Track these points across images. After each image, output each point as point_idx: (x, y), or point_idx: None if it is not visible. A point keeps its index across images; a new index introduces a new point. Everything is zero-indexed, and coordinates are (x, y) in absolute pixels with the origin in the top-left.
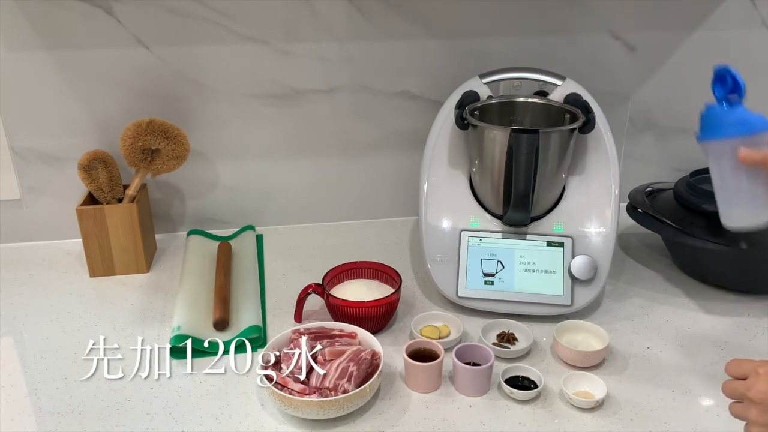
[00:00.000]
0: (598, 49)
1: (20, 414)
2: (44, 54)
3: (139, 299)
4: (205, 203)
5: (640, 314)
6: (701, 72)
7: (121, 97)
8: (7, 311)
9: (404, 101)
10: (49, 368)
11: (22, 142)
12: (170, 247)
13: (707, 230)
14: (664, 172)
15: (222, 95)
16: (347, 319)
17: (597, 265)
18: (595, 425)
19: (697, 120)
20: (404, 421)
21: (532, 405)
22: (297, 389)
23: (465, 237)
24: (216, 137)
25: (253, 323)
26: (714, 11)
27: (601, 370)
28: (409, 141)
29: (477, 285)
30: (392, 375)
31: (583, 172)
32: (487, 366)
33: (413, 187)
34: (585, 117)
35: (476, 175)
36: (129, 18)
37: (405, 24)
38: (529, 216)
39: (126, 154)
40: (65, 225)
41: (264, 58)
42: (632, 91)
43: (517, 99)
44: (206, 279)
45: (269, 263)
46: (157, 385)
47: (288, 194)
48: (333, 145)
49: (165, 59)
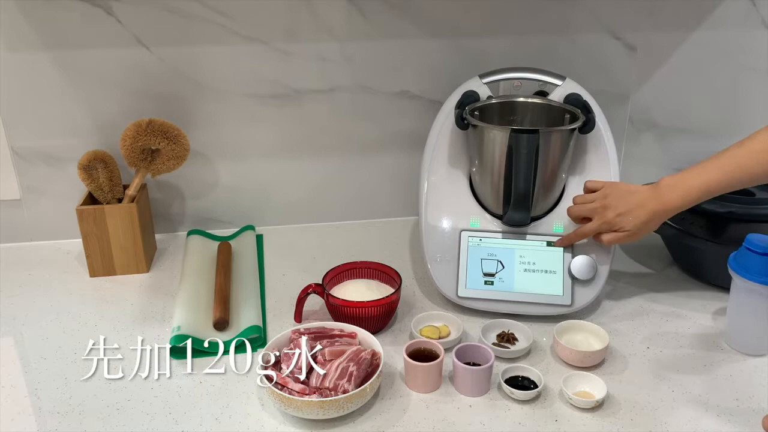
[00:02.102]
0: (598, 49)
1: (20, 414)
2: (44, 54)
3: (139, 299)
4: (205, 203)
5: (640, 314)
6: (701, 72)
7: (121, 97)
8: (7, 311)
9: (404, 101)
10: (49, 368)
11: (22, 142)
12: (170, 247)
13: (707, 230)
14: (664, 172)
15: (222, 95)
16: (347, 319)
17: (597, 265)
18: (595, 425)
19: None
20: (404, 421)
21: (532, 405)
22: (297, 389)
23: (465, 237)
24: (216, 137)
25: (253, 323)
26: (714, 11)
27: (601, 370)
28: (409, 141)
29: (477, 285)
30: (392, 375)
31: (583, 172)
32: (487, 366)
33: (413, 187)
34: (585, 117)
35: (476, 175)
36: (129, 18)
37: (405, 24)
38: (529, 216)
39: (126, 154)
40: (65, 225)
41: (264, 58)
42: (632, 91)
43: (517, 99)
44: (206, 279)
45: (269, 263)
46: (157, 385)
47: (288, 194)
48: (333, 145)
49: (165, 59)
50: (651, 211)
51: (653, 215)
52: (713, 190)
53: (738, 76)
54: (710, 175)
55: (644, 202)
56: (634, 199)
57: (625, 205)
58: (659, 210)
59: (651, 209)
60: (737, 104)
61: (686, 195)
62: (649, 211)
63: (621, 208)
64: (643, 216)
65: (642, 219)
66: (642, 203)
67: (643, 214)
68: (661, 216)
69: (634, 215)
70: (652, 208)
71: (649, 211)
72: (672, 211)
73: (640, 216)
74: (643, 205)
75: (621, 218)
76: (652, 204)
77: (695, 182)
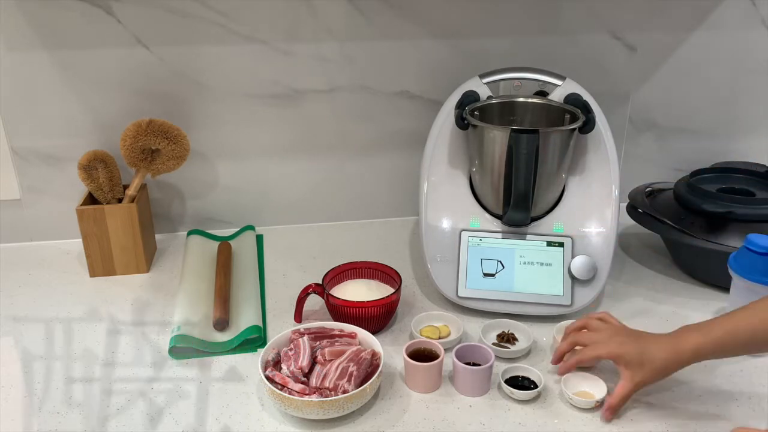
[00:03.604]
0: (598, 49)
1: (20, 414)
2: (44, 54)
3: (139, 299)
4: (205, 203)
5: (640, 314)
6: (701, 72)
7: (121, 97)
8: (7, 311)
9: (404, 101)
10: (49, 368)
11: (22, 142)
12: (170, 247)
13: (707, 230)
14: (664, 172)
15: (222, 95)
16: (347, 319)
17: (597, 265)
18: (595, 425)
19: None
20: (404, 421)
21: (532, 405)
22: (297, 389)
23: (465, 237)
24: (216, 137)
25: (253, 323)
26: (714, 11)
27: (601, 370)
28: (408, 141)
29: (477, 285)
30: (392, 375)
31: (583, 172)
32: (487, 366)
33: (413, 187)
34: (585, 117)
35: (476, 175)
36: (129, 18)
37: (405, 24)
38: (529, 216)
39: (126, 154)
40: (65, 225)
41: (264, 58)
42: (632, 91)
43: (517, 99)
44: (206, 279)
45: (269, 263)
46: (157, 385)
47: (288, 194)
48: (333, 145)
49: (165, 59)
50: (665, 354)
51: (666, 361)
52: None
53: (738, 76)
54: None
55: (659, 345)
56: (647, 339)
57: (638, 342)
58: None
59: (665, 356)
60: (737, 104)
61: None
62: (664, 352)
63: (635, 344)
64: (660, 356)
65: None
66: (657, 342)
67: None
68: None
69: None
70: (666, 356)
71: (664, 352)
72: (684, 360)
73: (656, 353)
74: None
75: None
76: (667, 350)
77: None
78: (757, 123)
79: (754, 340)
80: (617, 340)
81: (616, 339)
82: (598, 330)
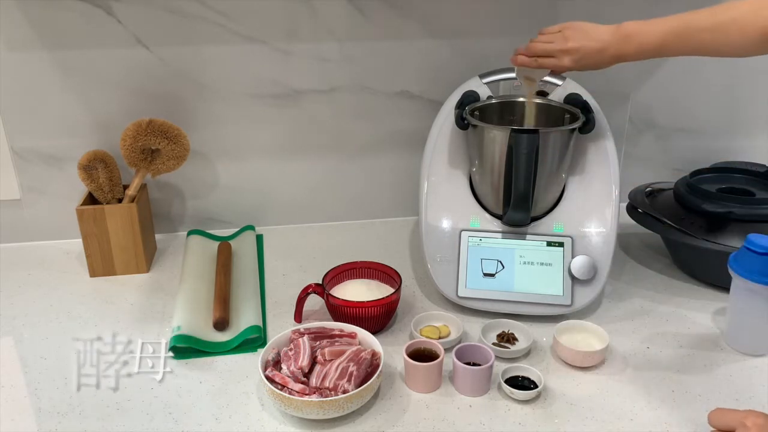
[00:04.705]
0: None
1: (20, 414)
2: (44, 54)
3: (139, 299)
4: (205, 203)
5: (640, 314)
6: (701, 72)
7: (121, 97)
8: (7, 311)
9: (404, 101)
10: (49, 368)
11: (22, 142)
12: (170, 247)
13: (707, 230)
14: (664, 172)
15: (222, 95)
16: (347, 319)
17: (597, 265)
18: (596, 425)
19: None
20: (404, 421)
21: (532, 405)
22: (297, 389)
23: (465, 237)
24: (216, 137)
25: (253, 323)
26: None
27: (601, 370)
28: (408, 141)
29: (477, 285)
30: (392, 375)
31: (583, 172)
32: (487, 366)
33: (413, 187)
34: (585, 117)
35: (476, 175)
36: (129, 18)
37: (405, 24)
38: (529, 216)
39: (126, 154)
40: (65, 225)
41: (264, 58)
42: (632, 91)
43: (517, 99)
44: (206, 279)
45: (269, 263)
46: (157, 385)
47: (288, 194)
48: (333, 145)
49: (165, 59)
50: (608, 54)
51: (605, 58)
52: (669, 51)
53: (738, 76)
54: (667, 36)
55: (603, 42)
56: (593, 34)
57: (584, 38)
58: (614, 55)
59: (607, 52)
60: (737, 104)
61: (641, 49)
62: (605, 52)
63: (579, 40)
64: (596, 49)
65: (595, 49)
66: (600, 39)
67: (597, 50)
68: (613, 60)
69: (588, 47)
70: (609, 52)
71: (605, 52)
72: (624, 60)
73: (594, 47)
74: (601, 43)
75: (577, 45)
76: (610, 50)
77: (652, 39)
78: (757, 123)
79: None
80: (563, 35)
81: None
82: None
